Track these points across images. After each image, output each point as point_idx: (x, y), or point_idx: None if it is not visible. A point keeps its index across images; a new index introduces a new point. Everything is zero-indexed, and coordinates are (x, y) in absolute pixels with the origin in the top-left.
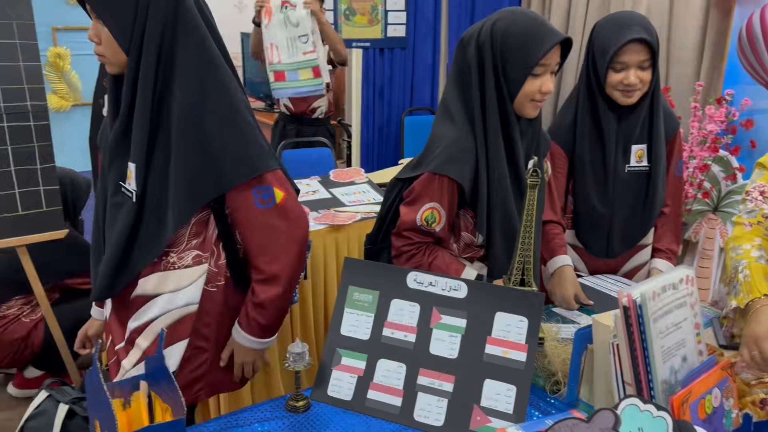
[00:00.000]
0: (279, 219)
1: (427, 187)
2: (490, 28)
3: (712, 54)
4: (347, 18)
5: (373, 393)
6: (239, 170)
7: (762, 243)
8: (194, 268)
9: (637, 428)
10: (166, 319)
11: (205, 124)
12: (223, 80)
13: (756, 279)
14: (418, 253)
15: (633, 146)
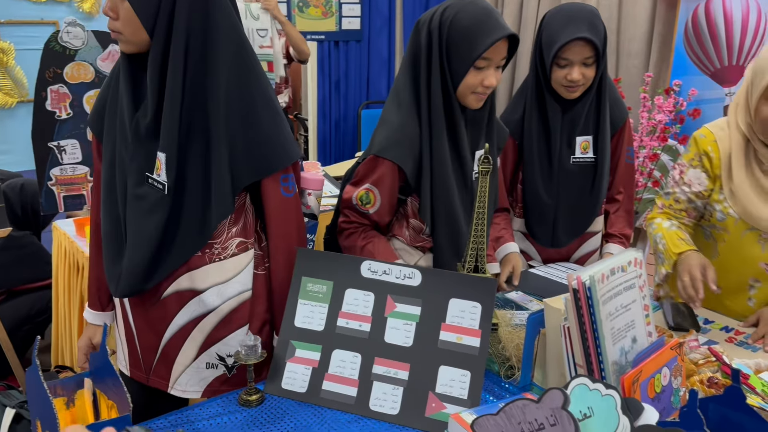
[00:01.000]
0: (296, 210)
1: (369, 169)
2: (440, 15)
3: (660, 46)
4: (300, 10)
5: (328, 384)
6: (278, 156)
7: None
8: (240, 256)
9: (587, 407)
10: (222, 310)
11: (251, 109)
12: (255, 62)
13: (671, 244)
14: (355, 233)
15: (578, 138)
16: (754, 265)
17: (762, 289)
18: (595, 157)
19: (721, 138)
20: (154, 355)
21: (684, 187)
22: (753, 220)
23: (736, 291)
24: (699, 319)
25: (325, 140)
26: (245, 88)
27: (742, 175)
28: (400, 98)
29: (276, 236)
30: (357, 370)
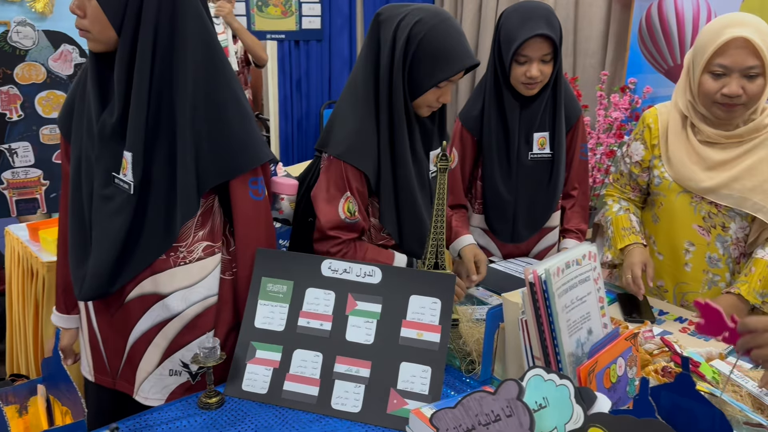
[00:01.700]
0: (265, 214)
1: (336, 176)
2: (410, 27)
3: (615, 45)
4: (260, 9)
5: (289, 384)
6: (246, 158)
7: (622, 197)
8: (207, 260)
9: (542, 397)
10: (186, 315)
11: (219, 109)
12: (225, 62)
13: (616, 233)
14: (350, 251)
15: (535, 134)
16: (689, 228)
17: (696, 253)
18: (551, 152)
19: (662, 112)
20: (120, 359)
21: (626, 159)
22: (685, 182)
23: (674, 256)
24: (654, 310)
25: (288, 140)
26: (214, 88)
27: (677, 141)
28: (359, 94)
29: (244, 241)
30: (318, 370)
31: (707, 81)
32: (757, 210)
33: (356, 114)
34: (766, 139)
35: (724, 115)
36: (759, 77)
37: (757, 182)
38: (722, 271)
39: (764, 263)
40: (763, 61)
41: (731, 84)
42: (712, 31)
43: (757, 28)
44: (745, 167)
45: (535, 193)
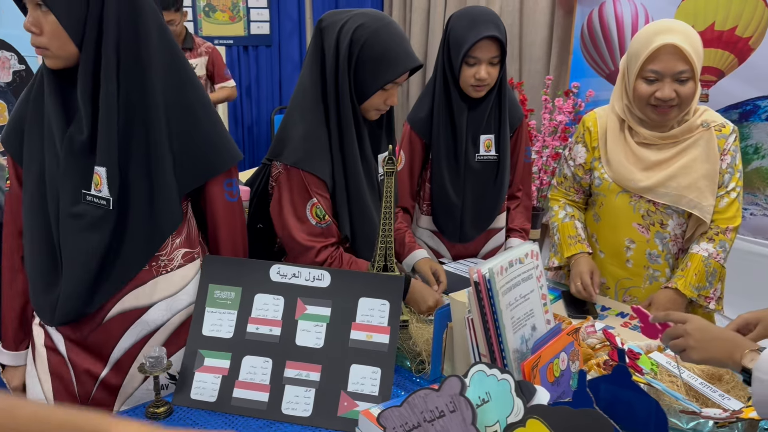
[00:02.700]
0: (240, 216)
1: (298, 187)
2: (352, 32)
3: (559, 50)
4: (207, 15)
5: (238, 391)
6: (221, 158)
7: (566, 201)
8: (187, 267)
9: (485, 392)
10: (171, 324)
11: (190, 112)
12: (188, 65)
13: (563, 241)
14: (335, 261)
15: (482, 136)
16: (629, 226)
17: (636, 250)
18: (497, 155)
19: (601, 116)
20: (93, 384)
21: (570, 162)
22: (624, 182)
23: (616, 254)
24: (597, 306)
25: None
26: (183, 91)
27: (615, 143)
28: (307, 101)
29: (224, 243)
30: (268, 375)
31: (641, 86)
32: (692, 207)
33: (307, 121)
34: (698, 139)
35: (658, 117)
36: (690, 81)
37: (691, 180)
38: (662, 267)
39: (699, 258)
40: (692, 66)
41: (664, 88)
42: (644, 38)
43: (685, 34)
44: (680, 166)
45: (481, 194)
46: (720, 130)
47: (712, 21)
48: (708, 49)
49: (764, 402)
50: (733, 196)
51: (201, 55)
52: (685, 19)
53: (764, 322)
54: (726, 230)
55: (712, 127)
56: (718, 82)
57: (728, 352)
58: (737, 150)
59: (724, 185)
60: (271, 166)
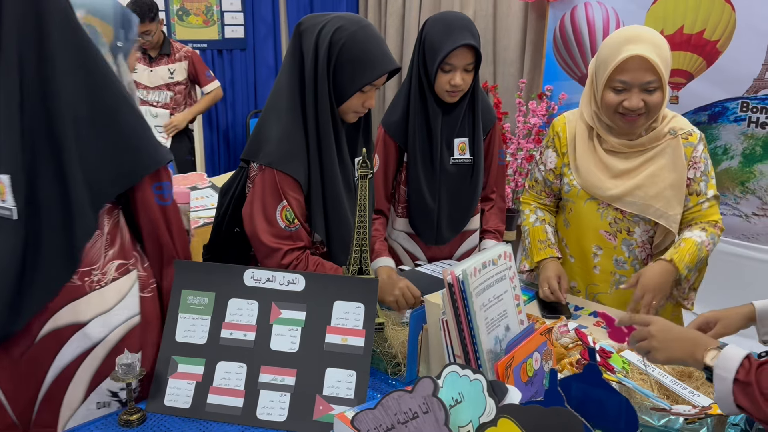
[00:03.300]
0: (176, 220)
1: (271, 188)
2: (331, 34)
3: (532, 53)
4: (180, 19)
5: (213, 397)
6: (143, 162)
7: (538, 205)
8: (122, 280)
9: (458, 392)
10: (110, 341)
11: (106, 114)
12: (104, 63)
13: (533, 245)
14: (301, 263)
15: (456, 140)
16: (596, 233)
17: (603, 256)
18: (471, 157)
19: (570, 120)
20: (33, 407)
21: (541, 166)
22: (592, 190)
23: (584, 259)
24: (570, 306)
25: (214, 150)
26: (97, 93)
27: (584, 150)
28: (285, 103)
29: (160, 251)
30: (243, 381)
31: (609, 95)
32: (659, 216)
33: (284, 122)
34: (666, 147)
35: (626, 126)
36: (658, 90)
37: (658, 189)
38: (628, 273)
39: (693, 241)
40: (660, 76)
41: (632, 98)
42: (612, 47)
43: (653, 43)
44: (647, 175)
45: (457, 197)
46: (687, 138)
47: (681, 24)
48: (677, 52)
49: (726, 399)
50: (713, 201)
51: (180, 59)
52: (654, 22)
53: (723, 321)
54: (715, 225)
55: (679, 135)
56: (687, 85)
57: (690, 352)
58: (707, 157)
59: (703, 193)
60: (249, 168)
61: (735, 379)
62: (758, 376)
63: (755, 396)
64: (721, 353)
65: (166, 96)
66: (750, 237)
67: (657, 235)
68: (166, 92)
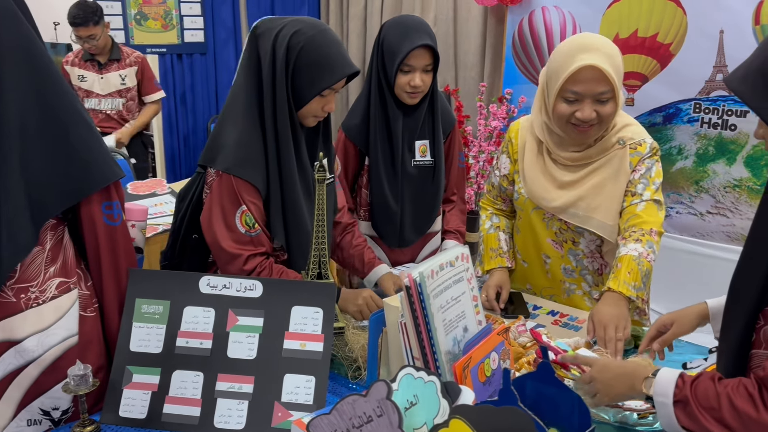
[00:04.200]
0: (124, 241)
1: (229, 194)
2: (288, 38)
3: (492, 57)
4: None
5: (169, 407)
6: (91, 178)
7: (494, 210)
8: (62, 298)
9: (413, 395)
10: (44, 360)
11: (55, 126)
12: (55, 72)
13: (485, 253)
14: (265, 270)
15: (417, 142)
16: (544, 241)
17: (552, 264)
18: (432, 159)
19: (524, 127)
20: None
21: (496, 171)
22: (537, 200)
23: (536, 265)
24: (529, 305)
25: (174, 156)
26: (46, 103)
27: (532, 159)
28: (242, 108)
29: (105, 272)
30: (200, 389)
31: (561, 106)
32: (599, 228)
33: (241, 127)
34: (612, 158)
35: (578, 136)
36: (610, 101)
37: (601, 200)
38: (577, 281)
39: (629, 257)
40: (613, 86)
41: (584, 109)
42: (564, 56)
43: (606, 53)
44: (591, 186)
45: (419, 199)
46: (635, 148)
47: (635, 28)
48: (632, 55)
49: (671, 423)
50: (651, 203)
51: (130, 65)
52: (609, 26)
53: (678, 321)
54: (650, 232)
55: (627, 145)
56: (642, 87)
57: (630, 385)
58: (654, 163)
59: (638, 194)
60: (206, 173)
61: (674, 401)
62: (694, 391)
63: (695, 413)
64: (655, 379)
65: (119, 103)
66: (705, 235)
67: (605, 243)
68: (119, 99)
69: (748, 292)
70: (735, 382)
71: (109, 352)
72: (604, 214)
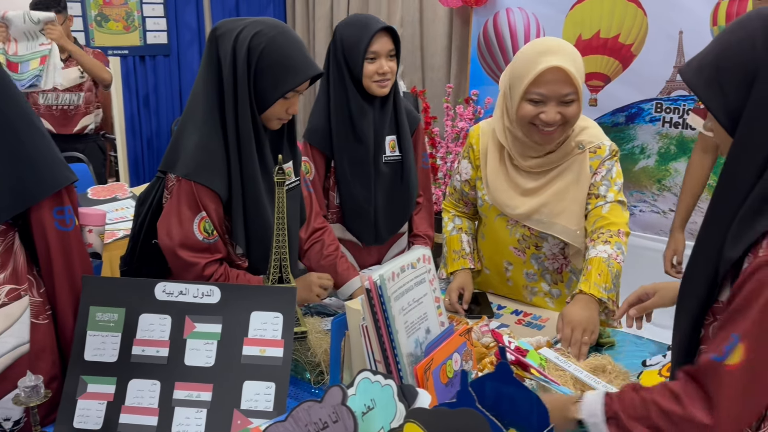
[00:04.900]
0: (78, 247)
1: (188, 200)
2: (249, 39)
3: (458, 59)
4: (99, 25)
5: (125, 417)
6: (41, 183)
7: (456, 212)
8: (12, 306)
9: (370, 399)
10: None
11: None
12: (8, 76)
13: (448, 256)
14: (221, 278)
15: (387, 137)
16: (506, 249)
17: (514, 270)
18: (401, 155)
19: (485, 132)
20: None
21: (457, 176)
22: (501, 207)
23: (497, 273)
24: (493, 305)
25: (137, 159)
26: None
27: (495, 166)
28: (203, 111)
29: (58, 279)
30: (156, 398)
31: (526, 107)
32: (563, 233)
33: (202, 132)
34: (573, 162)
35: (542, 139)
36: (575, 102)
37: (564, 205)
38: (538, 283)
39: (599, 259)
40: (577, 88)
41: (549, 111)
42: (527, 59)
43: (570, 55)
44: (554, 192)
45: (392, 195)
46: (595, 152)
47: (598, 29)
48: (595, 55)
49: None
50: (615, 204)
51: None
52: (573, 27)
53: (661, 292)
54: (618, 233)
55: (587, 149)
56: (605, 87)
57: (563, 417)
58: (614, 164)
59: (602, 196)
60: (166, 178)
61: (606, 419)
62: (621, 405)
63: (627, 426)
64: (582, 402)
65: (79, 97)
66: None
67: (570, 246)
68: (79, 93)
69: (697, 289)
70: (659, 386)
71: (63, 361)
72: (567, 218)
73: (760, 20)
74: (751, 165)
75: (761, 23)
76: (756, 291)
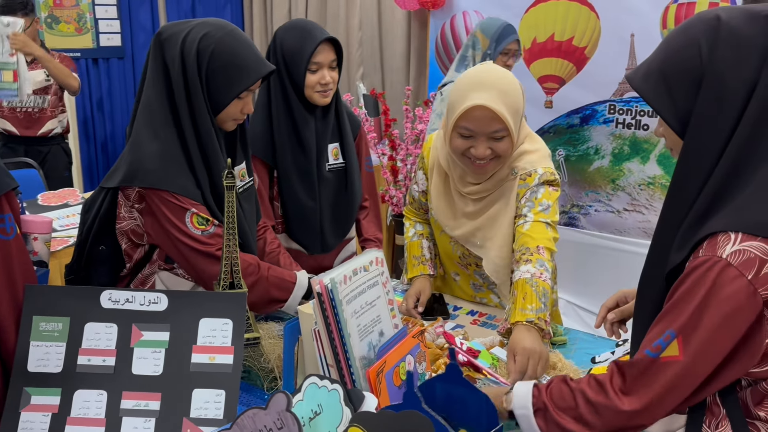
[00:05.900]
0: (19, 256)
1: (166, 208)
2: (197, 42)
3: (417, 61)
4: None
5: (71, 429)
6: None
7: (417, 219)
8: None
9: (317, 404)
10: None
11: None
12: None
13: (408, 261)
14: None
15: (329, 145)
16: (453, 261)
17: (462, 281)
18: (344, 161)
19: (435, 146)
20: None
21: (415, 186)
22: (442, 226)
23: (448, 279)
24: (449, 306)
25: (92, 164)
26: None
27: (439, 185)
28: (157, 119)
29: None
30: (103, 409)
31: (456, 140)
32: (490, 266)
33: (160, 139)
34: (505, 189)
35: (474, 171)
36: (505, 138)
37: (495, 231)
38: (486, 294)
39: (522, 281)
40: (506, 125)
41: (478, 147)
42: (459, 92)
43: (500, 90)
44: (487, 217)
45: (336, 202)
46: (524, 179)
47: (552, 32)
48: (550, 58)
49: None
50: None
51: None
52: (527, 30)
53: None
54: (538, 249)
55: (518, 176)
56: (560, 90)
57: (498, 409)
58: (542, 189)
59: (523, 215)
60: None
61: (534, 411)
62: (550, 396)
63: (554, 417)
64: (512, 393)
65: (44, 100)
66: (622, 231)
67: None
68: (45, 96)
69: (651, 292)
70: (586, 377)
71: (6, 373)
72: (498, 248)
73: (702, 24)
74: (699, 169)
75: (703, 27)
76: (692, 288)
